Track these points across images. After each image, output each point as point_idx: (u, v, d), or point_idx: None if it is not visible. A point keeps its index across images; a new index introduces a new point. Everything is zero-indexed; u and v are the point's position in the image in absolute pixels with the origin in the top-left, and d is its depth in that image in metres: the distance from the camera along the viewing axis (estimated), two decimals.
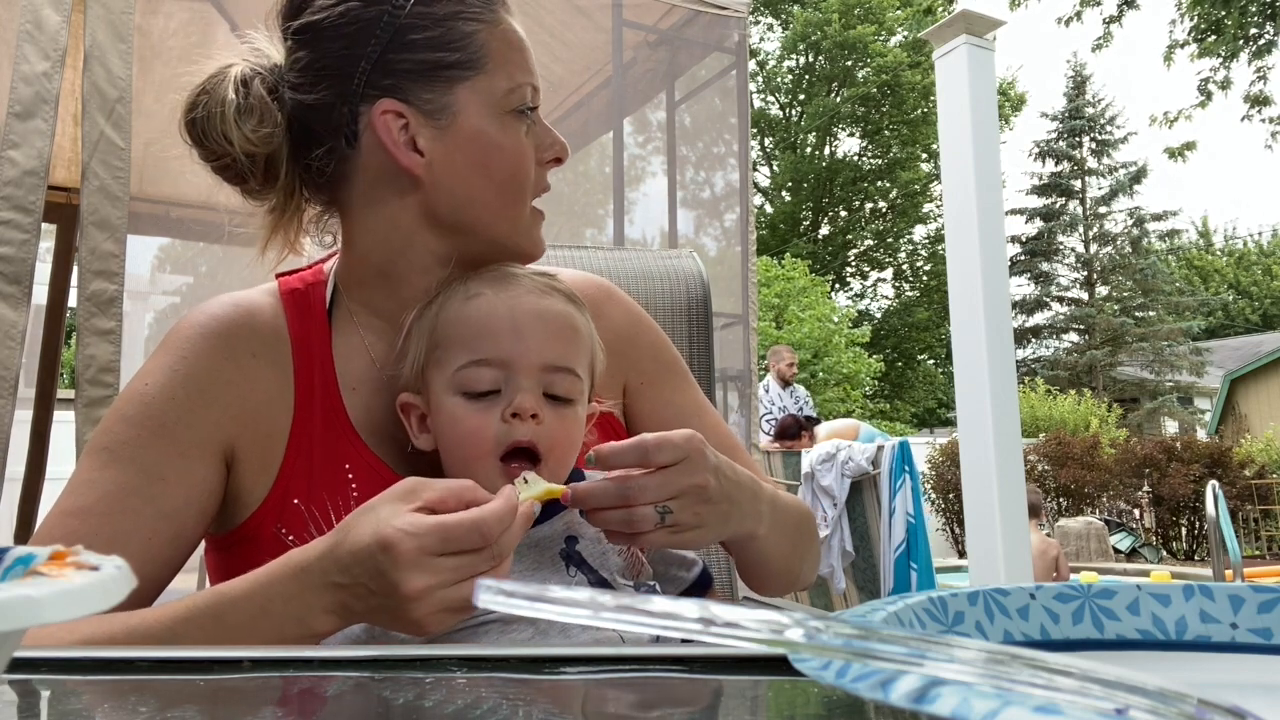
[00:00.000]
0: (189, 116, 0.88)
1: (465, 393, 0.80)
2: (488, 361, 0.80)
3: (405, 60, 0.86)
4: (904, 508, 5.10)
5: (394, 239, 0.89)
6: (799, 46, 26.45)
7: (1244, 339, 25.67)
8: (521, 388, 0.79)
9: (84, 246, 2.17)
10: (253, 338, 0.88)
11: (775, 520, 0.87)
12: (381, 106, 0.85)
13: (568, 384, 0.82)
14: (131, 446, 0.81)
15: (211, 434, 0.84)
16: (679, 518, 0.73)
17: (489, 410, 0.79)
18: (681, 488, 0.73)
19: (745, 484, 0.81)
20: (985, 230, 3.90)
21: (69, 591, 0.30)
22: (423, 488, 0.68)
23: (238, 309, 0.90)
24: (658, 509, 0.72)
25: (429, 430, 0.83)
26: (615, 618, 0.28)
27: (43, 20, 2.15)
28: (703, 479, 0.74)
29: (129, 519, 0.79)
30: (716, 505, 0.76)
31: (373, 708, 0.47)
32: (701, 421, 1.02)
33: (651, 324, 1.06)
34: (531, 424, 0.78)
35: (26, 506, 3.27)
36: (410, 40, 0.86)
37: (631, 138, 4.36)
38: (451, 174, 0.87)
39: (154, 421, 0.82)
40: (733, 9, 3.63)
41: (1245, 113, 10.75)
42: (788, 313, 17.45)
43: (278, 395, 0.87)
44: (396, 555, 0.64)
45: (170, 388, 0.84)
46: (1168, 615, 0.45)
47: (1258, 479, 10.80)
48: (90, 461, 0.82)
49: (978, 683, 0.24)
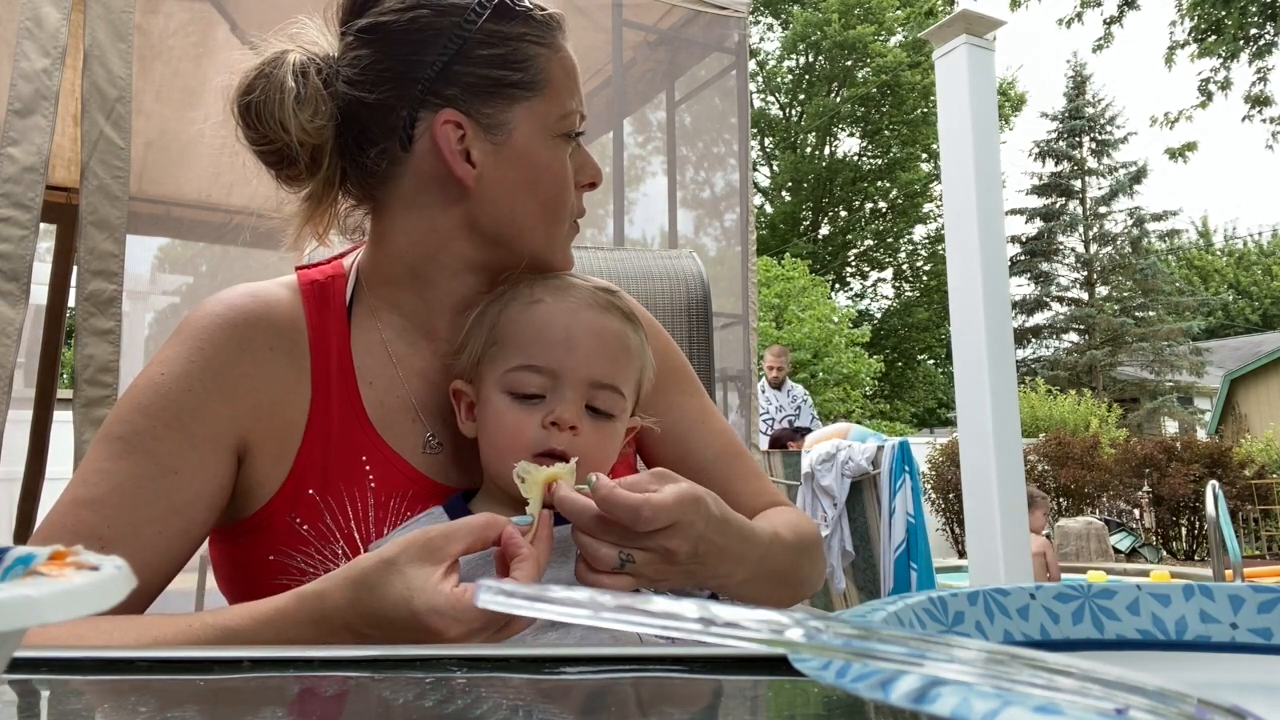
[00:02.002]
0: (244, 99, 0.87)
1: (512, 392, 0.83)
2: (538, 368, 0.83)
3: (471, 73, 0.87)
4: (904, 508, 5.11)
5: (430, 242, 0.91)
6: (799, 46, 26.45)
7: (1244, 339, 25.68)
8: (565, 399, 0.82)
9: (83, 246, 2.17)
10: (270, 329, 0.88)
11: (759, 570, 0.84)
12: (444, 116, 0.87)
13: (610, 400, 0.84)
14: (145, 437, 0.81)
15: (226, 427, 0.84)
16: (640, 569, 0.73)
17: (531, 413, 0.82)
18: (650, 545, 0.73)
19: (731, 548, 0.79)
20: (985, 230, 3.90)
21: (69, 591, 0.30)
22: (446, 542, 0.68)
23: (255, 300, 0.90)
24: (621, 554, 0.72)
25: (474, 419, 0.86)
26: (615, 618, 0.28)
27: (42, 17, 2.15)
28: (675, 545, 0.73)
29: (141, 511, 0.79)
30: (683, 566, 0.75)
31: (373, 708, 0.47)
32: (704, 428, 1.02)
33: (659, 330, 1.06)
34: (569, 435, 0.81)
35: (26, 506, 3.27)
36: (477, 55, 0.87)
37: (631, 138, 4.36)
38: (499, 188, 0.89)
39: (169, 413, 0.82)
40: (733, 9, 3.63)
41: (1246, 113, 10.76)
42: (788, 313, 17.45)
43: (294, 387, 0.87)
44: (445, 637, 0.66)
45: (186, 378, 0.84)
46: (1168, 615, 0.45)
47: (1258, 479, 10.80)
48: (103, 450, 0.81)
49: (978, 683, 0.24)
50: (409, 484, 0.87)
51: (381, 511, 0.85)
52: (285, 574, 0.84)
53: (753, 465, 1.06)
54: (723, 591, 0.85)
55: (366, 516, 0.84)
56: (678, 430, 1.02)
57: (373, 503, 0.85)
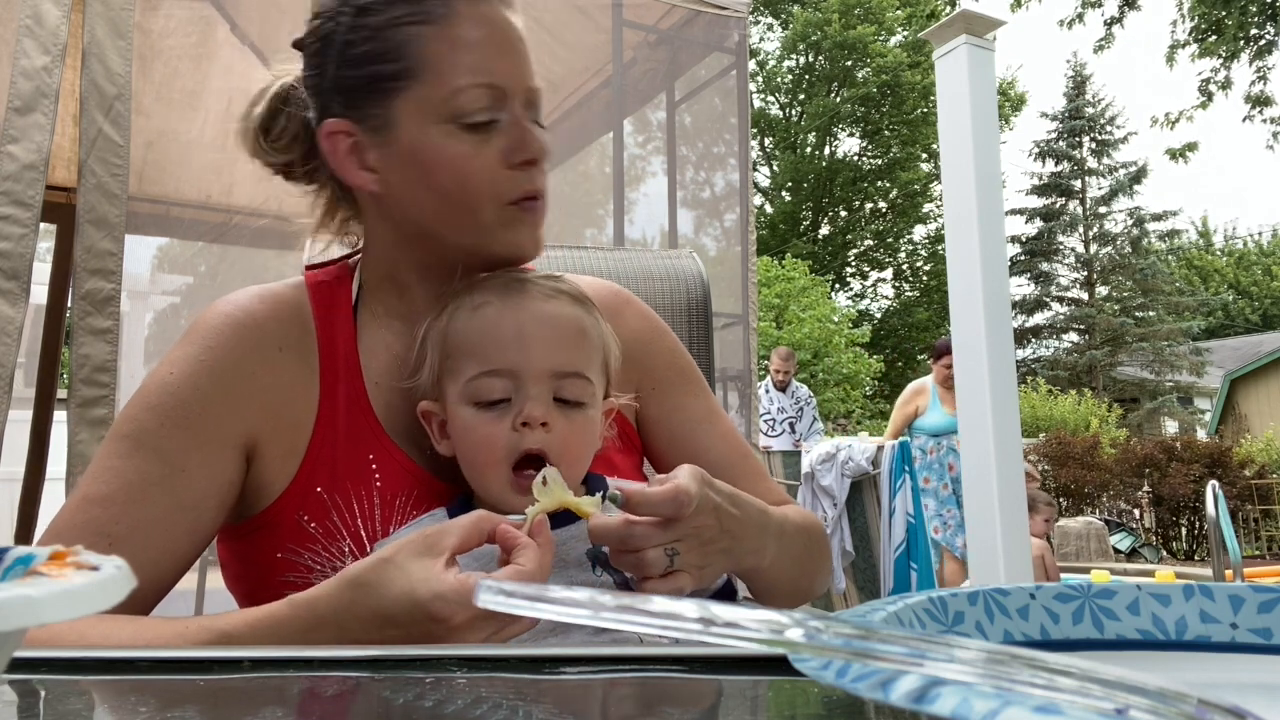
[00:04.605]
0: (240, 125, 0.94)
1: (476, 402, 0.81)
2: (496, 371, 0.81)
3: (352, 76, 0.86)
4: (904, 508, 5.11)
5: (388, 248, 0.92)
6: (799, 46, 26.44)
7: (1244, 339, 25.68)
8: (530, 396, 0.80)
9: (80, 245, 2.16)
10: (279, 330, 0.89)
11: (782, 549, 0.86)
12: (326, 127, 0.87)
13: (578, 388, 0.83)
14: (155, 436, 0.82)
15: (235, 427, 0.84)
16: (686, 560, 0.73)
17: (500, 419, 0.80)
18: (685, 532, 0.73)
19: (752, 518, 0.80)
20: (985, 230, 3.90)
21: (69, 591, 0.30)
22: (441, 537, 0.68)
23: (263, 301, 0.91)
24: (666, 551, 0.72)
25: (448, 437, 0.85)
26: (615, 618, 0.28)
27: (42, 15, 2.15)
28: (702, 521, 0.73)
29: (149, 509, 0.79)
30: (719, 543, 0.76)
31: (373, 708, 0.47)
32: (711, 429, 1.02)
33: (667, 331, 1.06)
34: (541, 432, 0.79)
35: (26, 506, 3.27)
36: (353, 54, 0.86)
37: (631, 138, 4.36)
38: (401, 188, 0.87)
39: (178, 412, 0.83)
40: (733, 9, 3.63)
41: (1246, 113, 10.75)
42: (788, 313, 17.45)
43: (303, 387, 0.88)
44: (451, 625, 0.65)
45: (195, 377, 0.85)
46: (1168, 615, 0.45)
47: (1258, 479, 10.79)
48: (113, 448, 0.82)
49: (978, 683, 0.24)
50: (415, 483, 0.87)
51: (387, 510, 0.85)
52: (293, 571, 0.84)
53: (759, 466, 1.06)
54: (759, 576, 0.86)
55: (373, 515, 0.84)
56: (684, 431, 1.01)
57: (379, 501, 0.85)
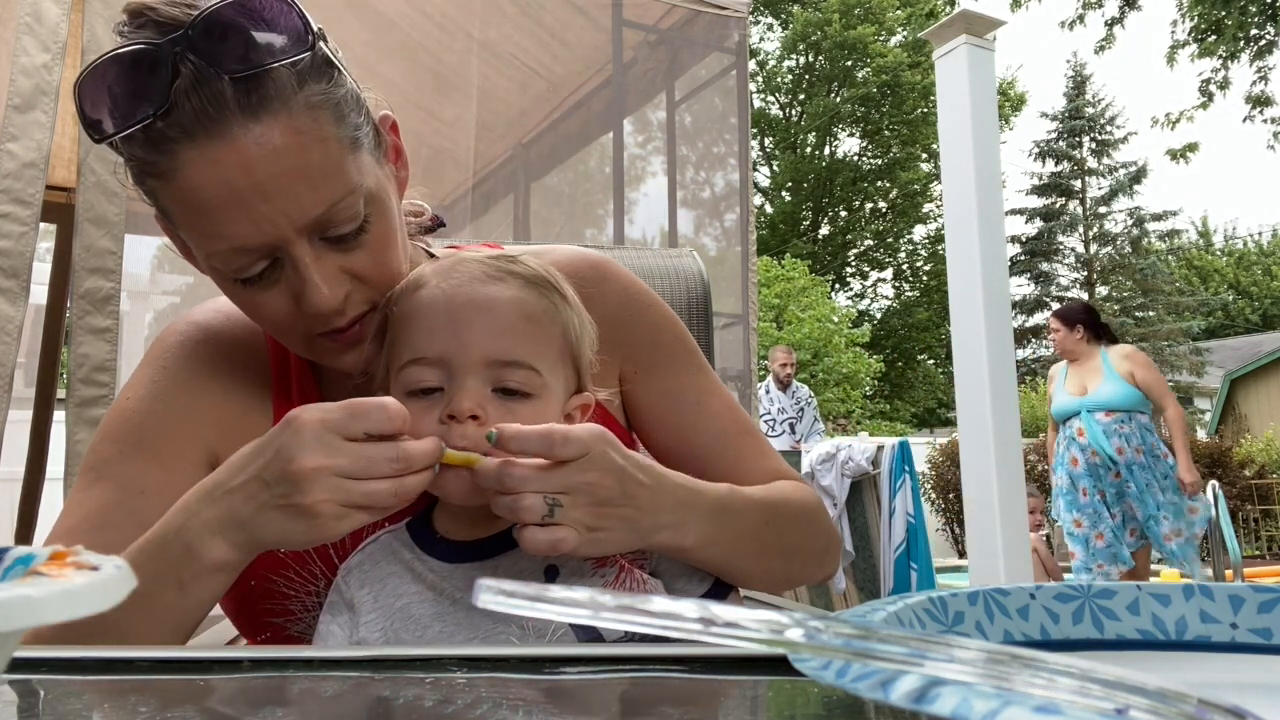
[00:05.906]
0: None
1: (409, 392, 0.73)
2: (425, 359, 0.73)
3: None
4: (904, 508, 5.11)
5: None
6: (799, 46, 26.45)
7: (1244, 339, 25.66)
8: (463, 386, 0.72)
9: (79, 243, 2.16)
10: (232, 344, 0.91)
11: (722, 529, 0.78)
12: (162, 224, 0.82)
13: (524, 378, 0.74)
14: (113, 464, 0.84)
15: (192, 444, 0.85)
16: (571, 515, 0.67)
17: (430, 411, 0.72)
18: (570, 484, 0.67)
19: (667, 490, 0.73)
20: (985, 230, 3.90)
21: (69, 591, 0.30)
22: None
23: (218, 315, 0.93)
24: (546, 500, 0.66)
25: None
26: (615, 618, 0.28)
27: (42, 13, 2.15)
28: (594, 478, 0.67)
29: (112, 534, 0.79)
30: (618, 509, 0.69)
31: (373, 708, 0.47)
32: (701, 410, 0.95)
33: (650, 304, 0.97)
34: (472, 426, 0.70)
35: (26, 506, 3.26)
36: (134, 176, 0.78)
37: (631, 138, 4.35)
38: None
39: (134, 436, 0.85)
40: (733, 9, 3.63)
41: (1246, 113, 10.75)
42: (788, 313, 17.46)
43: (256, 401, 0.89)
44: (299, 427, 0.64)
45: (149, 400, 0.87)
46: (1168, 615, 0.45)
47: (1258, 479, 10.79)
48: (80, 482, 0.85)
49: (978, 683, 0.24)
50: None
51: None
52: (269, 599, 0.84)
53: (762, 444, 0.97)
54: (687, 555, 0.78)
55: None
56: (669, 416, 0.94)
57: None
